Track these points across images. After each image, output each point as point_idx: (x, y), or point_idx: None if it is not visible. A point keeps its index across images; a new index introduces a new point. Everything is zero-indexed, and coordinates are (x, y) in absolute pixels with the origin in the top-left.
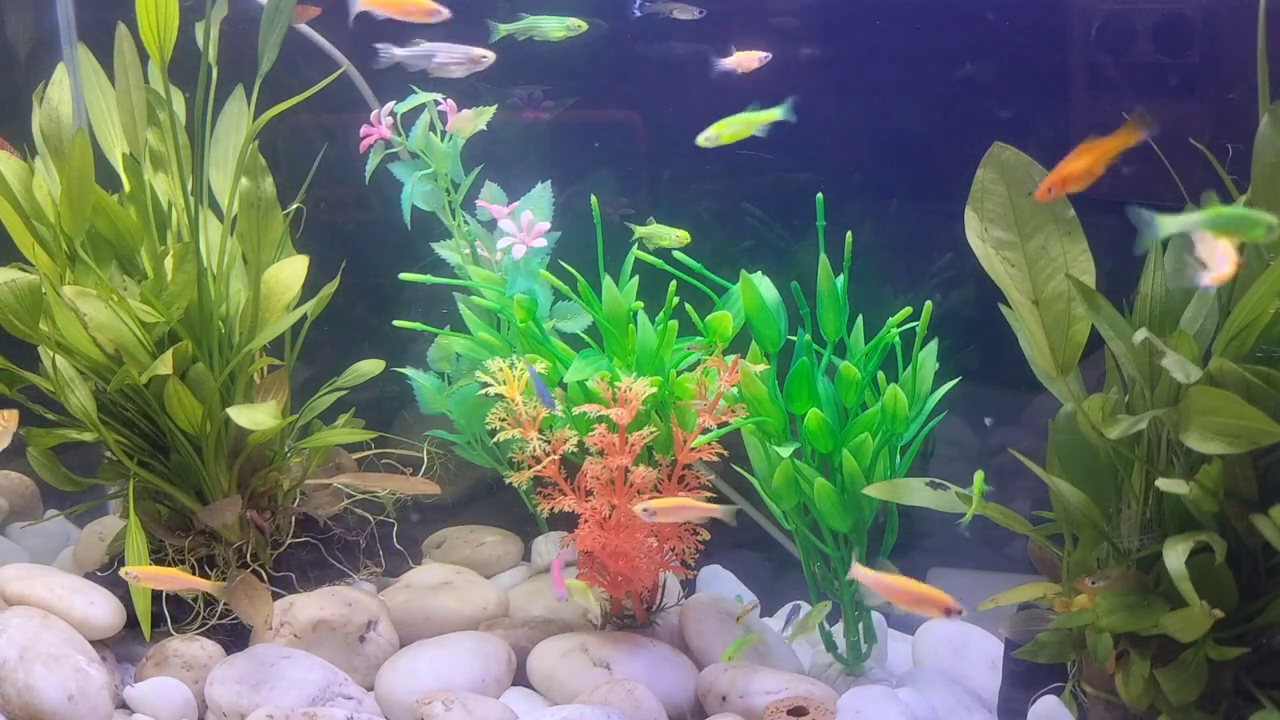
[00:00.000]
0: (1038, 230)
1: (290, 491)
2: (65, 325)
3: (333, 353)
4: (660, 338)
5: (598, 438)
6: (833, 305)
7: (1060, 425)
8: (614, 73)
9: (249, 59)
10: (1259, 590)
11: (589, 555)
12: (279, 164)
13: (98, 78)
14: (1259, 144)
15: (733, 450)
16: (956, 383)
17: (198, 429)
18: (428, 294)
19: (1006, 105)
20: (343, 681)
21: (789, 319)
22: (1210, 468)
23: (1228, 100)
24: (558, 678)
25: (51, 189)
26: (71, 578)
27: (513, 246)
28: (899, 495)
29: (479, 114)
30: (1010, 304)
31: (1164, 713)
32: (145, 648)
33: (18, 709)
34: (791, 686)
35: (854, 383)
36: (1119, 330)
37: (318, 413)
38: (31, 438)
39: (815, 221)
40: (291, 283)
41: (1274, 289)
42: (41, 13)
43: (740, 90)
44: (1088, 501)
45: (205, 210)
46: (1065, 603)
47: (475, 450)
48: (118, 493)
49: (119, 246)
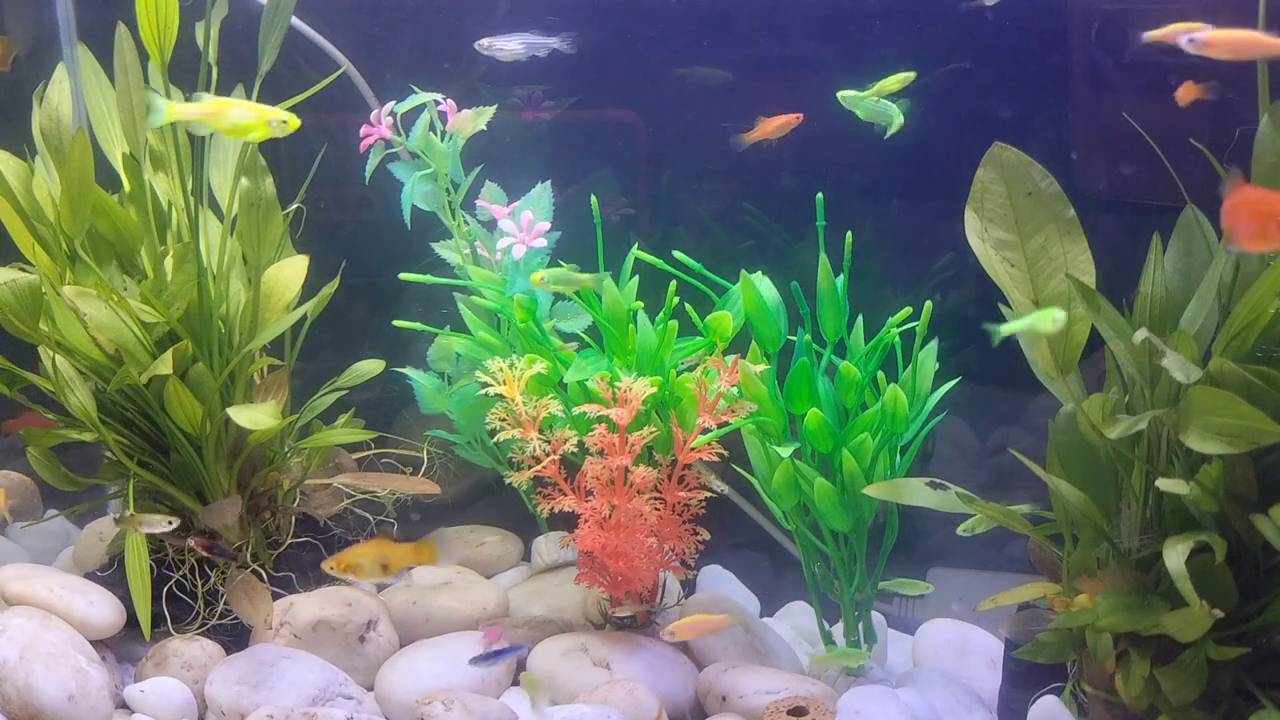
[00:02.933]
0: (1038, 230)
1: (290, 491)
2: (65, 325)
3: (333, 353)
4: (660, 338)
5: (598, 438)
6: (833, 305)
7: (1060, 425)
8: (614, 73)
9: (249, 59)
10: (1259, 590)
11: (589, 555)
12: (279, 164)
13: (98, 78)
14: (1259, 144)
15: (733, 450)
16: (956, 383)
17: (198, 429)
18: (428, 294)
19: (1006, 105)
20: (343, 681)
21: (789, 319)
22: (1210, 468)
23: (1228, 100)
24: (558, 678)
25: (51, 189)
26: (71, 578)
27: (513, 246)
28: (899, 495)
29: (479, 114)
30: (1010, 304)
31: (1164, 713)
32: (145, 648)
33: (18, 709)
34: (791, 686)
35: (854, 383)
36: (1119, 330)
37: (318, 413)
38: (31, 438)
39: (815, 221)
40: (291, 283)
41: (1274, 289)
42: (41, 13)
43: (741, 90)
44: (1088, 501)
45: (205, 210)
46: (1065, 603)
47: (475, 450)
48: (118, 493)
49: (119, 246)
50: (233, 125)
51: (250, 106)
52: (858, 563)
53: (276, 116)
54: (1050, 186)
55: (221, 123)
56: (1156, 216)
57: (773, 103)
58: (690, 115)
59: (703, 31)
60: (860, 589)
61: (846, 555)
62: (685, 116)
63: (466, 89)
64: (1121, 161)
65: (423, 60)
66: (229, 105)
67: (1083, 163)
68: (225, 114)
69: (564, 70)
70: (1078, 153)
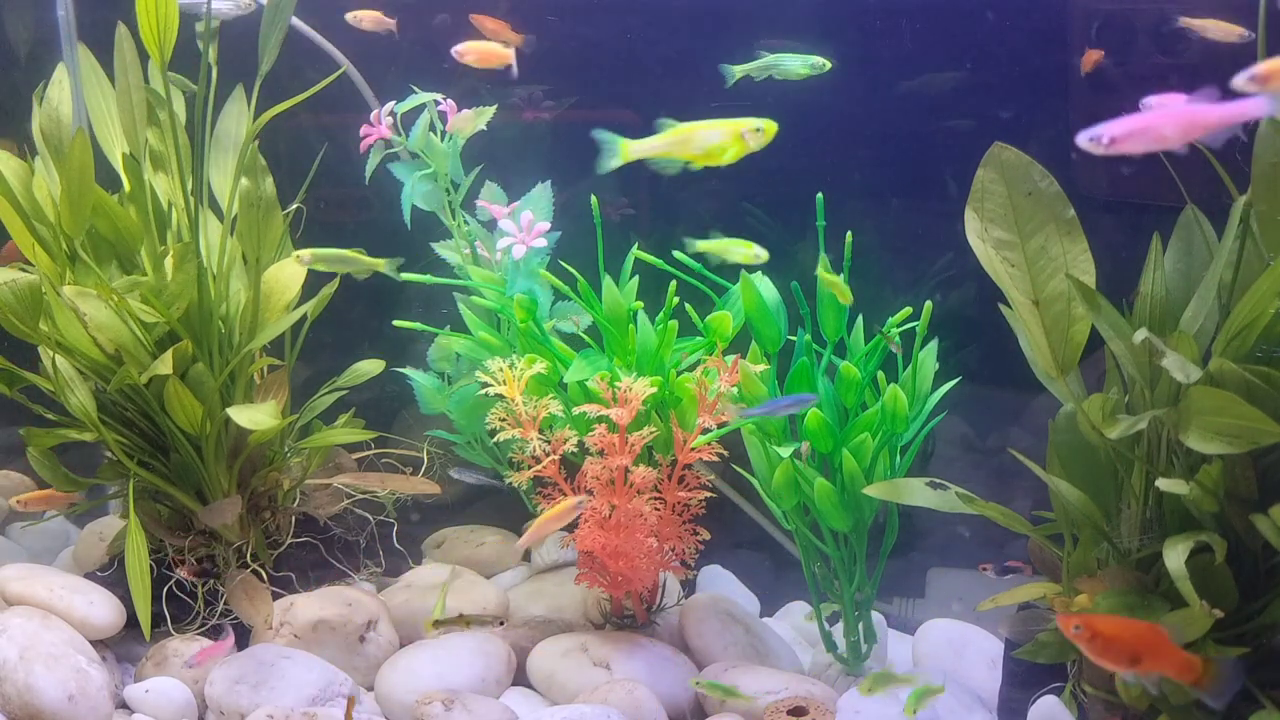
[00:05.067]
0: (1038, 230)
1: (290, 491)
2: (65, 325)
3: (333, 353)
4: (660, 338)
5: (598, 438)
6: (833, 305)
7: (1060, 425)
8: (614, 73)
9: (249, 59)
10: (1259, 590)
11: (589, 555)
12: (279, 164)
13: (98, 78)
14: (1259, 144)
15: (733, 450)
16: (956, 383)
17: (198, 429)
18: (428, 294)
19: (1006, 105)
20: (343, 681)
21: (789, 319)
22: (1210, 468)
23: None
24: (558, 677)
25: (51, 189)
26: (71, 578)
27: (513, 246)
28: (899, 495)
29: (479, 114)
30: (1010, 304)
31: (1164, 713)
32: (145, 648)
33: (18, 709)
34: (791, 686)
35: (854, 383)
36: (1119, 330)
37: (318, 413)
38: (31, 438)
39: (815, 221)
40: (291, 283)
41: (1274, 289)
42: (41, 13)
43: (741, 90)
44: (1088, 501)
45: (205, 210)
46: (1065, 603)
47: (475, 450)
48: (118, 493)
49: (119, 246)
50: (704, 151)
51: (717, 125)
52: (858, 563)
53: (749, 127)
54: (1050, 186)
55: (689, 150)
56: (1156, 216)
57: (774, 102)
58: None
59: (703, 31)
60: (860, 589)
61: (846, 555)
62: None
63: (466, 89)
64: (1121, 161)
65: (422, 60)
66: (694, 130)
67: (1083, 163)
68: (692, 140)
69: (564, 70)
70: (1078, 153)
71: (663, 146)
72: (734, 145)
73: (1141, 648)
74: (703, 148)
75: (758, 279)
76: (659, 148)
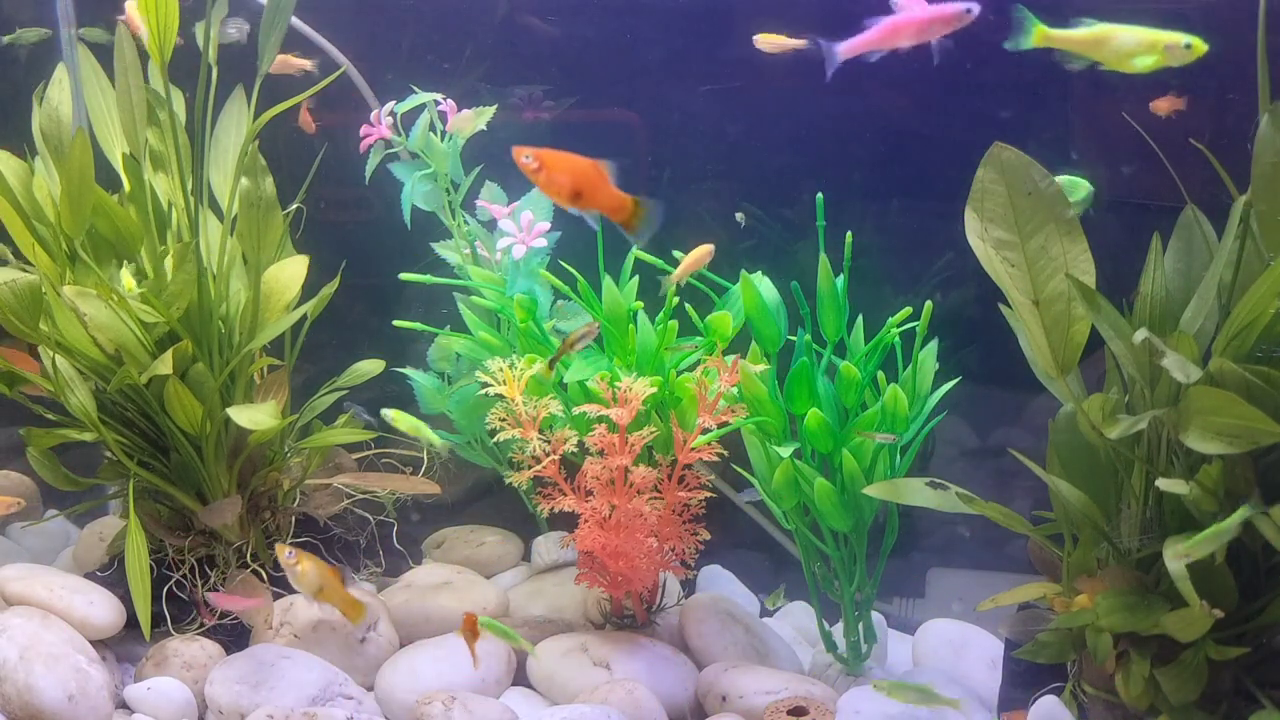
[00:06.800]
0: (1038, 230)
1: (290, 491)
2: (65, 325)
3: (333, 353)
4: (660, 338)
5: (598, 438)
6: (833, 305)
7: (1060, 425)
8: (614, 73)
9: (249, 59)
10: (1259, 590)
11: (589, 555)
12: (279, 164)
13: (98, 78)
14: (1259, 144)
15: (733, 450)
16: (956, 383)
17: (198, 429)
18: (428, 294)
19: (1006, 105)
20: (343, 681)
21: (789, 319)
22: (1210, 468)
23: (1227, 100)
24: (558, 678)
25: (51, 189)
26: (71, 578)
27: (513, 246)
28: (899, 495)
29: (479, 114)
30: (1010, 304)
31: (1164, 713)
32: (145, 648)
33: (18, 709)
34: (791, 686)
35: (854, 383)
36: (1119, 330)
37: (318, 413)
38: (31, 438)
39: (815, 221)
40: (291, 283)
41: (1274, 289)
42: (41, 13)
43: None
44: (1088, 501)
45: (205, 210)
46: (1065, 603)
47: (475, 450)
48: (118, 493)
49: (119, 246)
50: (1118, 55)
51: (1140, 32)
52: (858, 563)
53: (1177, 41)
54: (1050, 186)
55: (1103, 52)
56: (1156, 216)
57: (773, 102)
58: (691, 115)
59: (703, 31)
60: (860, 589)
61: (846, 555)
62: (685, 116)
63: (466, 89)
64: (1122, 161)
65: (422, 60)
66: (1114, 32)
67: (1083, 163)
68: (1110, 41)
69: (564, 70)
70: (1078, 153)
71: (1079, 40)
72: (1153, 55)
73: (582, 184)
74: (1119, 51)
75: (758, 279)
76: (1076, 41)
